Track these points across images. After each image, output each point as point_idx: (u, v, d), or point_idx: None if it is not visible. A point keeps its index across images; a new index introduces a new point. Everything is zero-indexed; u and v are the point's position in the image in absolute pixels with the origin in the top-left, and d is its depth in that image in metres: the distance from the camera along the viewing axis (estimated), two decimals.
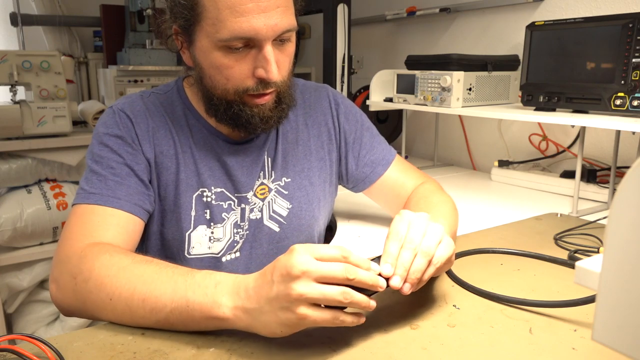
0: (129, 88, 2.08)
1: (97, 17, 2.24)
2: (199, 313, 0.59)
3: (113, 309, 0.63)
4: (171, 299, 0.60)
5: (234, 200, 0.88)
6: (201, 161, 0.86)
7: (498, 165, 1.61)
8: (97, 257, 0.66)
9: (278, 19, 0.73)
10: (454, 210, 0.91)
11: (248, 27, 0.71)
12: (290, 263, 0.53)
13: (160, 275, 0.62)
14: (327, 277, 0.53)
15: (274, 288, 0.54)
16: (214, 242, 0.87)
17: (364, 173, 0.99)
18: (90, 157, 0.81)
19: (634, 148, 1.36)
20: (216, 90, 0.80)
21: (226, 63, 0.76)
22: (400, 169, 1.00)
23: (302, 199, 0.93)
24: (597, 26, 1.15)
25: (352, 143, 0.99)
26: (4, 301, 1.80)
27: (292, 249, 0.55)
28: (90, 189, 0.77)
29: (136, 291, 0.62)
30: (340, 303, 0.54)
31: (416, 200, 0.92)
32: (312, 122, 0.96)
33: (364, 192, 1.02)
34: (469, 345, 0.60)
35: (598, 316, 0.36)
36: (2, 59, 1.68)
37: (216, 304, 0.58)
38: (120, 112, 0.84)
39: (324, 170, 0.97)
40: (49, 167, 1.83)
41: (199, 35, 0.76)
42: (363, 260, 0.57)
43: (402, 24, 2.12)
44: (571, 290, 0.74)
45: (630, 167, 0.33)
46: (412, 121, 2.11)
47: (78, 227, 0.74)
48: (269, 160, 0.91)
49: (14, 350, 0.53)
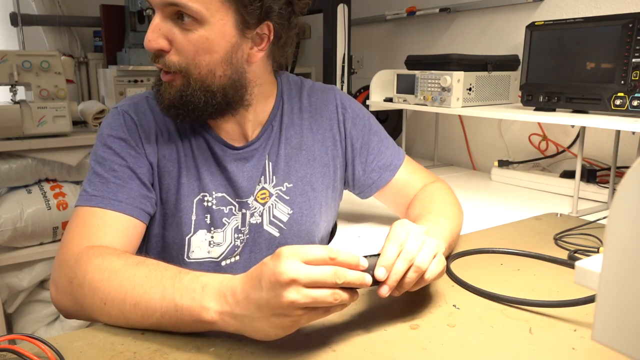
0: (129, 88, 2.08)
1: (97, 17, 2.24)
2: (188, 317, 0.58)
3: (108, 314, 0.63)
4: (160, 304, 0.59)
5: (235, 205, 0.88)
6: (202, 165, 0.86)
7: (498, 165, 1.61)
8: (91, 261, 0.66)
9: None
10: (458, 211, 0.90)
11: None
12: (279, 270, 0.52)
13: (149, 279, 0.62)
14: (317, 282, 0.52)
15: (263, 295, 0.53)
16: (213, 246, 0.87)
17: (371, 179, 0.98)
18: (94, 159, 0.81)
19: (634, 148, 1.36)
20: None
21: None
22: (409, 171, 0.99)
23: (303, 205, 0.92)
24: (597, 26, 1.15)
25: (360, 149, 0.97)
26: (4, 301, 1.80)
27: (278, 253, 0.53)
28: (92, 191, 0.77)
29: (127, 296, 0.61)
30: (330, 304, 0.54)
31: (420, 200, 0.92)
32: (318, 126, 0.95)
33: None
34: (469, 345, 0.60)
35: (598, 316, 0.36)
36: (2, 59, 1.68)
37: (204, 308, 0.57)
38: (125, 114, 0.83)
39: (327, 176, 0.95)
40: (49, 167, 1.83)
41: None
42: (351, 257, 0.55)
43: (402, 24, 2.12)
44: (571, 290, 0.74)
45: (630, 167, 0.33)
46: (412, 121, 2.11)
47: (78, 230, 0.74)
48: (270, 164, 0.90)
49: (14, 350, 0.53)
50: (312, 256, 0.53)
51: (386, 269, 0.59)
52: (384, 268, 0.59)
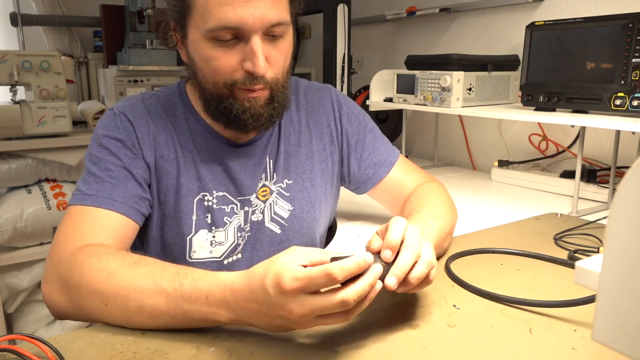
0: (129, 88, 2.08)
1: (97, 17, 2.24)
2: (201, 321, 0.60)
3: (110, 314, 0.63)
4: (167, 308, 0.60)
5: (237, 204, 0.88)
6: (203, 165, 0.85)
7: (498, 165, 1.61)
8: (86, 261, 0.65)
9: (266, 9, 0.72)
10: (450, 210, 0.90)
11: (234, 16, 0.70)
12: (289, 309, 0.52)
13: (149, 283, 0.61)
14: (327, 310, 0.53)
15: (273, 320, 0.55)
16: (215, 246, 0.87)
17: (367, 175, 0.98)
18: (89, 159, 0.81)
19: (634, 148, 1.36)
20: (207, 84, 0.79)
21: (214, 55, 0.75)
22: (403, 170, 0.99)
23: (303, 201, 0.93)
24: (597, 26, 1.15)
25: (355, 145, 0.98)
26: (4, 301, 1.80)
27: (279, 286, 0.52)
28: (87, 190, 0.77)
29: (130, 299, 0.61)
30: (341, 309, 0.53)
31: (413, 198, 0.92)
32: (315, 123, 0.96)
33: (366, 193, 1.02)
34: (469, 345, 0.60)
35: (598, 316, 0.36)
36: (2, 59, 1.67)
37: (214, 314, 0.58)
38: (121, 115, 0.83)
39: (325, 172, 0.96)
40: (49, 167, 1.83)
41: (190, 28, 0.76)
42: (351, 266, 0.53)
43: (402, 24, 2.12)
44: (571, 290, 0.74)
45: (630, 167, 0.33)
46: (412, 121, 2.11)
47: (71, 229, 0.73)
48: (270, 162, 0.91)
49: (14, 350, 0.53)
50: (317, 285, 0.52)
51: (392, 251, 0.58)
52: (390, 251, 0.58)
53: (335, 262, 0.52)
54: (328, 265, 0.52)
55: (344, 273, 0.51)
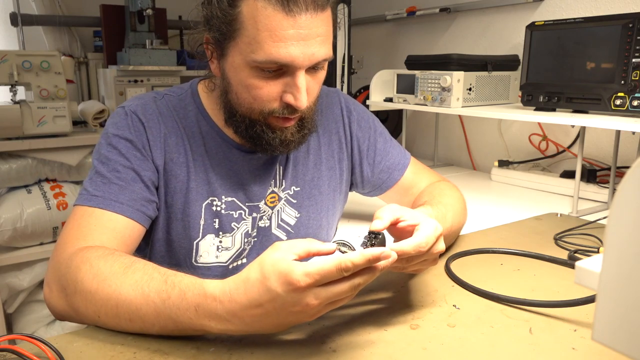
0: (128, 88, 2.08)
1: (97, 17, 2.23)
2: (191, 331, 0.59)
3: (104, 323, 0.62)
4: (157, 320, 0.59)
5: (245, 210, 0.87)
6: (213, 170, 0.84)
7: (498, 165, 1.61)
8: (80, 268, 0.65)
9: (316, 48, 0.71)
10: (462, 204, 0.92)
11: (285, 53, 0.69)
12: (305, 303, 0.52)
13: (137, 294, 0.60)
14: (341, 295, 0.54)
15: (284, 319, 0.55)
16: (222, 251, 0.86)
17: (381, 179, 0.98)
18: (97, 157, 0.79)
19: (634, 148, 1.36)
20: (241, 107, 0.78)
21: (255, 83, 0.74)
22: (415, 171, 1.00)
23: (310, 208, 0.92)
24: (597, 26, 1.15)
25: (367, 150, 0.97)
26: (4, 301, 1.80)
27: (291, 284, 0.52)
28: (94, 190, 0.76)
29: (120, 311, 0.60)
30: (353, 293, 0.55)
31: (426, 193, 0.93)
32: (323, 130, 0.95)
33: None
34: (469, 345, 0.60)
35: (598, 316, 0.36)
36: (2, 59, 1.68)
37: (204, 326, 0.57)
38: (133, 115, 0.81)
39: (333, 179, 0.96)
40: (49, 167, 1.83)
41: (232, 51, 0.74)
42: (360, 259, 0.53)
43: (402, 24, 2.12)
44: (571, 290, 0.74)
45: (630, 167, 0.33)
46: (412, 121, 2.11)
47: (74, 230, 0.72)
48: (280, 168, 0.90)
49: (14, 350, 0.53)
50: (327, 276, 0.52)
51: (416, 254, 0.61)
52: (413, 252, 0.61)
53: (346, 257, 0.52)
54: (340, 260, 0.52)
55: (356, 269, 0.53)
